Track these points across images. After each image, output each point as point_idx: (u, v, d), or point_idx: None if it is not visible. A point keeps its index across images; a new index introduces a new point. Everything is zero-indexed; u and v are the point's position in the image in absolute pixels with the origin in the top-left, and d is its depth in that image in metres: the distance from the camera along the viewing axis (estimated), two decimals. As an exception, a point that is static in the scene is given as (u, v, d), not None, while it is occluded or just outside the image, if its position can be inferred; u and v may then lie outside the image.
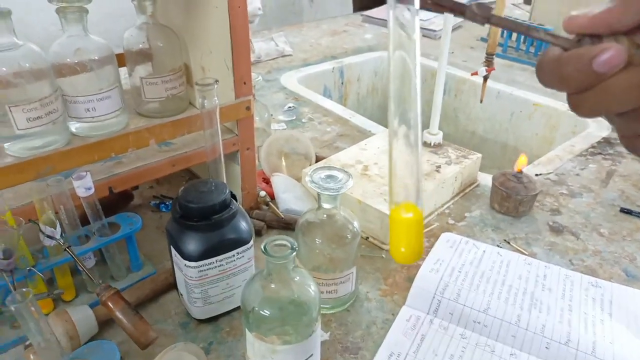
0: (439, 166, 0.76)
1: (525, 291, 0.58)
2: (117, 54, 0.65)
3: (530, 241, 0.69)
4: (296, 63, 1.32)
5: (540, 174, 0.86)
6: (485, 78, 0.86)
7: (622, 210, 0.76)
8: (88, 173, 0.50)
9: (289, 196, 0.73)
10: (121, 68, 0.68)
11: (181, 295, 0.55)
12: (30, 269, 0.49)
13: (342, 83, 1.35)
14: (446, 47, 0.78)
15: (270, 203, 0.72)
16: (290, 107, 1.07)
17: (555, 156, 0.92)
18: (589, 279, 0.61)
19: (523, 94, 1.20)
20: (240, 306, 0.55)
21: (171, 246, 0.52)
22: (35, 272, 0.49)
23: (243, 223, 0.53)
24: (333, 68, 1.32)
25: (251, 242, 0.53)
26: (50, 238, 0.49)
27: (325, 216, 0.54)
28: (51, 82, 0.58)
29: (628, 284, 0.61)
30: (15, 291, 0.37)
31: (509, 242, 0.69)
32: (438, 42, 1.50)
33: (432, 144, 0.82)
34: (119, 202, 0.71)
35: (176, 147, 0.62)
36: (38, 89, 0.57)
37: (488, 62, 0.85)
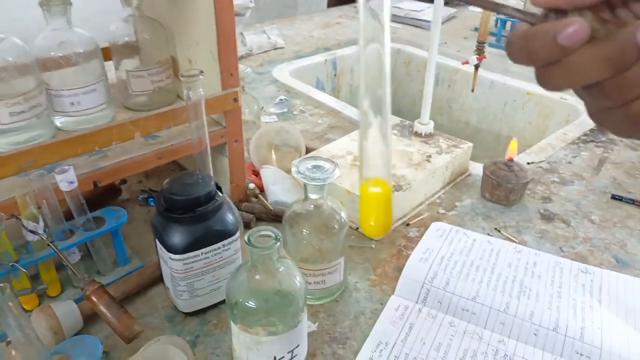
0: (430, 156, 0.76)
1: (514, 279, 0.58)
2: (103, 48, 0.65)
3: (521, 229, 0.69)
4: (288, 55, 1.32)
5: (532, 162, 0.86)
6: (476, 67, 0.86)
7: (614, 197, 0.76)
8: (71, 167, 0.50)
9: (278, 188, 0.72)
10: (108, 62, 0.67)
11: (167, 288, 0.54)
12: (13, 265, 0.49)
13: (335, 75, 1.34)
14: (436, 37, 0.77)
15: (259, 195, 0.72)
16: (281, 100, 1.06)
17: (547, 144, 0.92)
18: (579, 266, 0.61)
19: (517, 84, 1.19)
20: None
21: (156, 239, 0.51)
22: (18, 268, 0.49)
23: (229, 215, 0.52)
24: (325, 60, 1.31)
25: (237, 234, 0.52)
26: (32, 233, 0.49)
27: (312, 207, 0.53)
28: (35, 76, 0.57)
29: (618, 270, 0.61)
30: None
31: (500, 231, 0.69)
32: (430, 33, 1.49)
33: (423, 134, 0.81)
34: (107, 197, 0.71)
35: (162, 140, 0.62)
36: (22, 83, 0.56)
37: (479, 50, 0.84)
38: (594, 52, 0.24)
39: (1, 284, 0.35)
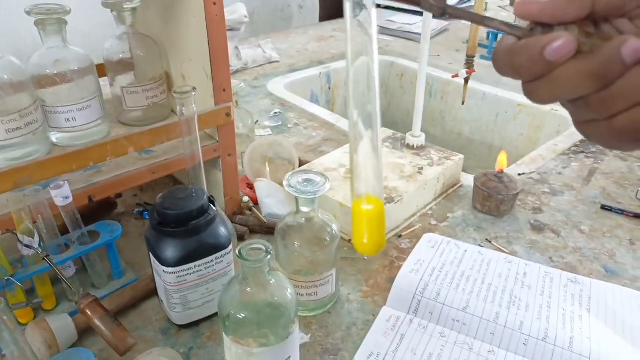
0: (422, 168, 0.77)
1: (504, 289, 0.59)
2: (98, 64, 0.66)
3: (511, 240, 0.70)
4: (283, 69, 1.33)
5: (523, 174, 0.87)
6: (466, 80, 0.87)
7: (603, 207, 0.77)
8: (66, 182, 0.51)
9: (272, 201, 0.73)
10: (103, 78, 0.68)
11: (161, 301, 0.55)
12: (8, 279, 0.49)
13: (330, 88, 1.36)
14: (426, 50, 0.79)
15: (253, 208, 0.73)
16: (276, 113, 1.08)
17: (538, 155, 0.93)
18: (568, 276, 0.62)
19: (508, 95, 1.21)
20: (220, 311, 0.55)
21: (150, 253, 0.52)
22: (13, 282, 0.49)
23: (222, 228, 0.53)
24: (320, 73, 1.32)
25: (230, 247, 0.53)
26: (28, 247, 0.50)
27: (303, 220, 0.54)
28: (31, 94, 0.59)
29: (607, 280, 0.62)
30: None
31: (491, 242, 0.69)
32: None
33: (415, 146, 0.82)
34: (102, 211, 0.72)
35: (156, 155, 0.63)
36: (17, 101, 0.57)
37: (468, 64, 0.86)
38: (580, 67, 0.24)
39: (-5, 299, 0.36)
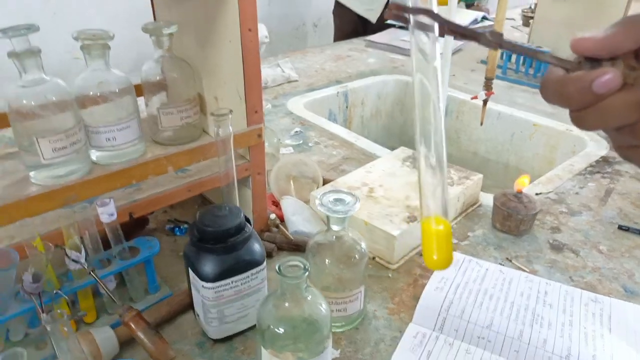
0: (442, 187, 0.79)
1: (527, 307, 0.61)
2: (135, 85, 0.69)
3: (531, 259, 0.72)
4: (302, 88, 1.37)
5: (540, 193, 0.89)
6: (484, 102, 0.90)
7: (621, 227, 0.79)
8: (112, 200, 0.54)
9: (298, 218, 0.76)
10: (139, 97, 0.72)
11: (197, 315, 0.57)
12: (56, 292, 0.52)
13: (347, 107, 1.39)
14: (447, 70, 0.81)
15: (280, 225, 0.75)
16: (297, 132, 1.11)
17: (555, 175, 0.95)
18: (589, 295, 0.63)
19: (523, 115, 1.23)
20: (253, 325, 0.58)
21: (189, 268, 0.54)
22: (62, 295, 0.52)
23: (256, 245, 0.56)
24: (338, 92, 1.36)
25: (264, 264, 0.55)
26: (75, 262, 0.53)
27: (334, 238, 0.57)
28: (75, 114, 0.62)
29: (627, 300, 0.64)
30: (48, 313, 0.40)
31: (511, 260, 0.71)
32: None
33: (435, 166, 0.85)
34: (136, 227, 0.74)
35: (191, 174, 0.66)
36: (63, 121, 0.60)
37: (487, 86, 0.88)
38: (626, 98, 0.27)
39: (58, 310, 0.39)
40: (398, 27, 1.88)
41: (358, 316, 0.60)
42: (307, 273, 0.45)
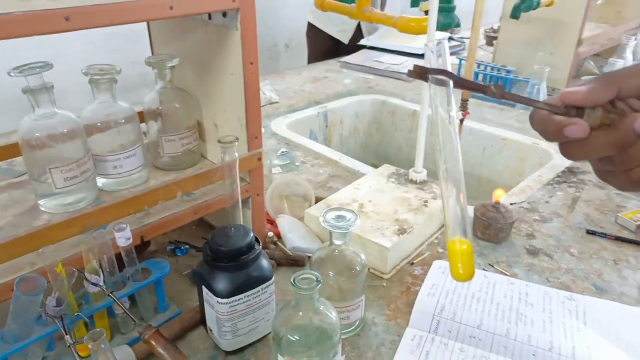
0: (426, 201, 0.85)
1: (511, 307, 0.67)
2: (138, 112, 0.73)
3: (511, 263, 0.78)
4: (283, 109, 1.42)
5: (514, 203, 0.96)
6: (461, 121, 0.97)
7: (588, 231, 0.86)
8: (127, 225, 0.57)
9: (294, 235, 0.80)
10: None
11: (210, 330, 0.61)
12: (77, 314, 0.55)
13: (327, 126, 1.45)
14: (426, 95, 0.88)
15: (277, 242, 0.80)
16: (283, 152, 1.15)
17: (526, 186, 1.03)
18: (565, 294, 0.70)
19: (493, 130, 1.32)
20: (263, 337, 0.62)
21: (202, 285, 0.58)
22: (81, 317, 0.55)
23: (264, 262, 0.60)
24: (318, 113, 1.42)
25: (273, 279, 0.60)
26: (95, 285, 0.56)
27: (336, 252, 0.61)
28: (84, 144, 0.65)
29: (598, 296, 0.71)
30: (87, 332, 0.43)
31: (493, 266, 0.78)
32: (411, 85, 1.62)
33: (418, 181, 0.91)
34: (138, 249, 0.77)
35: (196, 197, 0.69)
36: (73, 151, 0.64)
37: (463, 107, 0.95)
38: (606, 137, 0.34)
39: (97, 329, 0.42)
40: (369, 48, 1.97)
41: (360, 323, 0.65)
42: (320, 285, 0.50)
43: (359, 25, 2.19)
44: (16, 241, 0.52)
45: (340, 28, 2.20)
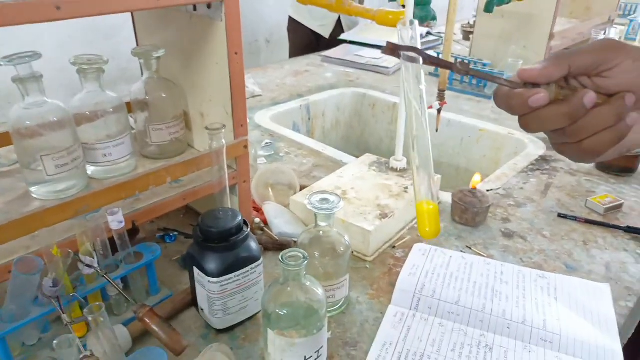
0: (407, 187, 0.89)
1: (487, 285, 0.70)
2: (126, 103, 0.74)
3: (487, 245, 0.82)
4: (266, 102, 1.44)
5: (491, 189, 1.00)
6: (439, 111, 1.00)
7: (560, 215, 0.91)
8: (120, 209, 0.59)
9: (280, 221, 0.83)
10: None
11: (202, 310, 0.63)
12: (73, 295, 0.56)
13: (309, 118, 1.48)
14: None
15: (264, 228, 0.82)
16: (267, 143, 1.18)
17: (502, 174, 1.07)
18: (537, 272, 0.74)
19: (470, 121, 1.36)
20: (252, 316, 0.64)
21: (194, 267, 0.60)
22: (77, 298, 0.57)
23: (253, 243, 0.62)
24: (300, 105, 1.44)
25: (261, 259, 0.62)
26: (89, 267, 0.57)
27: (321, 233, 0.64)
28: (73, 133, 0.67)
29: (568, 274, 0.75)
30: (85, 308, 0.45)
31: (471, 248, 0.81)
32: (391, 78, 1.66)
33: (398, 169, 0.94)
34: (129, 237, 0.79)
35: (185, 184, 0.71)
36: (63, 139, 0.65)
37: (440, 97, 0.99)
38: (558, 110, 0.38)
39: (96, 303, 0.44)
40: (349, 43, 2.00)
41: (345, 302, 0.68)
42: (306, 261, 0.52)
43: (340, 19, 2.22)
44: (11, 224, 0.53)
45: (321, 22, 2.23)
